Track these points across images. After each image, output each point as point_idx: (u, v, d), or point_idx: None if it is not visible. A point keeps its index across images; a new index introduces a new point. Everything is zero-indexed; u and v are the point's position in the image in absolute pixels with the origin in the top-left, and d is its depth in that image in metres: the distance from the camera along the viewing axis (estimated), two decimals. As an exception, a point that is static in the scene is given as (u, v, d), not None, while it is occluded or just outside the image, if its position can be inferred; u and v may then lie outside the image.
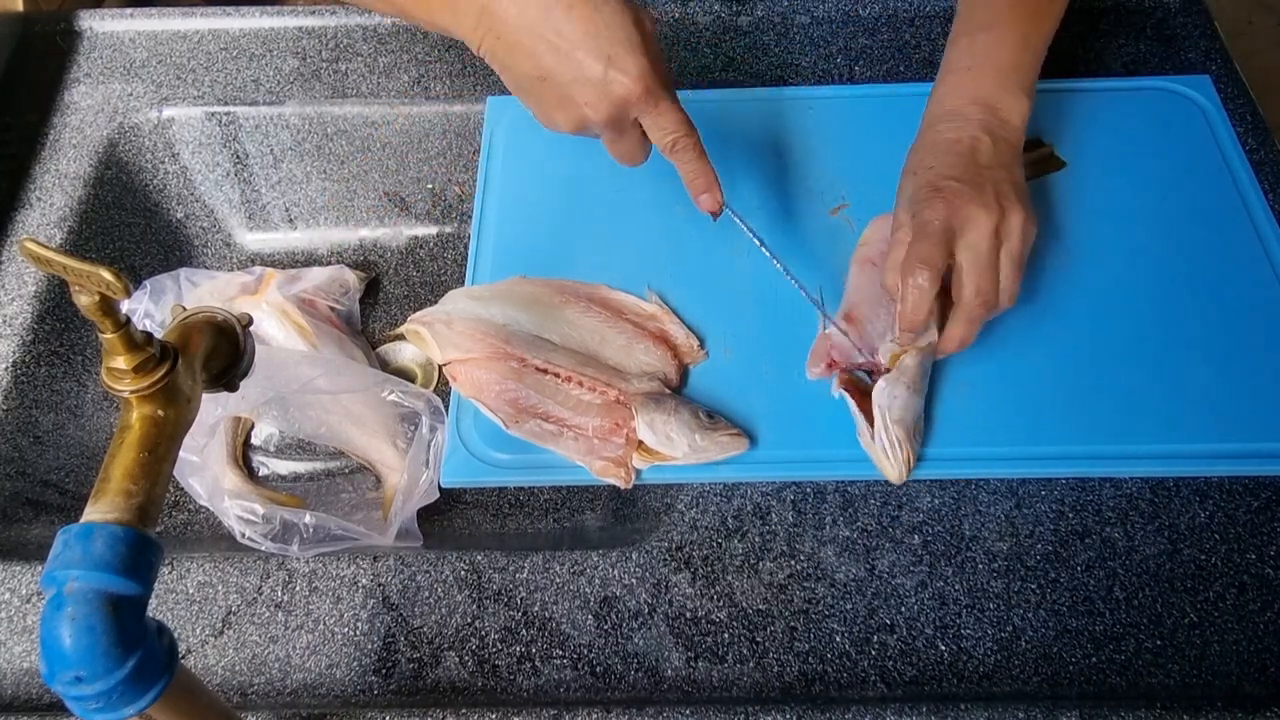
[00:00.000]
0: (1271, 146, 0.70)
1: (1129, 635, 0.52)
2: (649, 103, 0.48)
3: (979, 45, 0.60)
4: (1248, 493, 0.56)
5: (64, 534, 0.33)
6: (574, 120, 0.49)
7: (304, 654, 0.52)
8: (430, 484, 0.61)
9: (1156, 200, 0.66)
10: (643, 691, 0.51)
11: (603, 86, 0.47)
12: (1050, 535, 0.55)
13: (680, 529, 0.55)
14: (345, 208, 0.83)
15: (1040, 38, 0.60)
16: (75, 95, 0.76)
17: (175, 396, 0.37)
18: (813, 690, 0.51)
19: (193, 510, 0.69)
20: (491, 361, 0.58)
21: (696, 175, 0.53)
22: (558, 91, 0.48)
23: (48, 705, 0.51)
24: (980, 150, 0.56)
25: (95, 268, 0.32)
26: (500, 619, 0.53)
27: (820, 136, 0.70)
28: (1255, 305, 0.61)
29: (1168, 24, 0.78)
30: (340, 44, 0.79)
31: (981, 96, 0.58)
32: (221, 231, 0.83)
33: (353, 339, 0.74)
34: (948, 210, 0.52)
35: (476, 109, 0.76)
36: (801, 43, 0.78)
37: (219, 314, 0.41)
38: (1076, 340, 0.60)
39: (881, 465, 0.54)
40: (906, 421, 0.53)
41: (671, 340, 0.60)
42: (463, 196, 0.82)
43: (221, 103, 0.76)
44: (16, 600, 0.54)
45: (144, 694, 0.33)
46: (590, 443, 0.56)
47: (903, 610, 0.53)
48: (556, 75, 0.48)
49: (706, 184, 0.53)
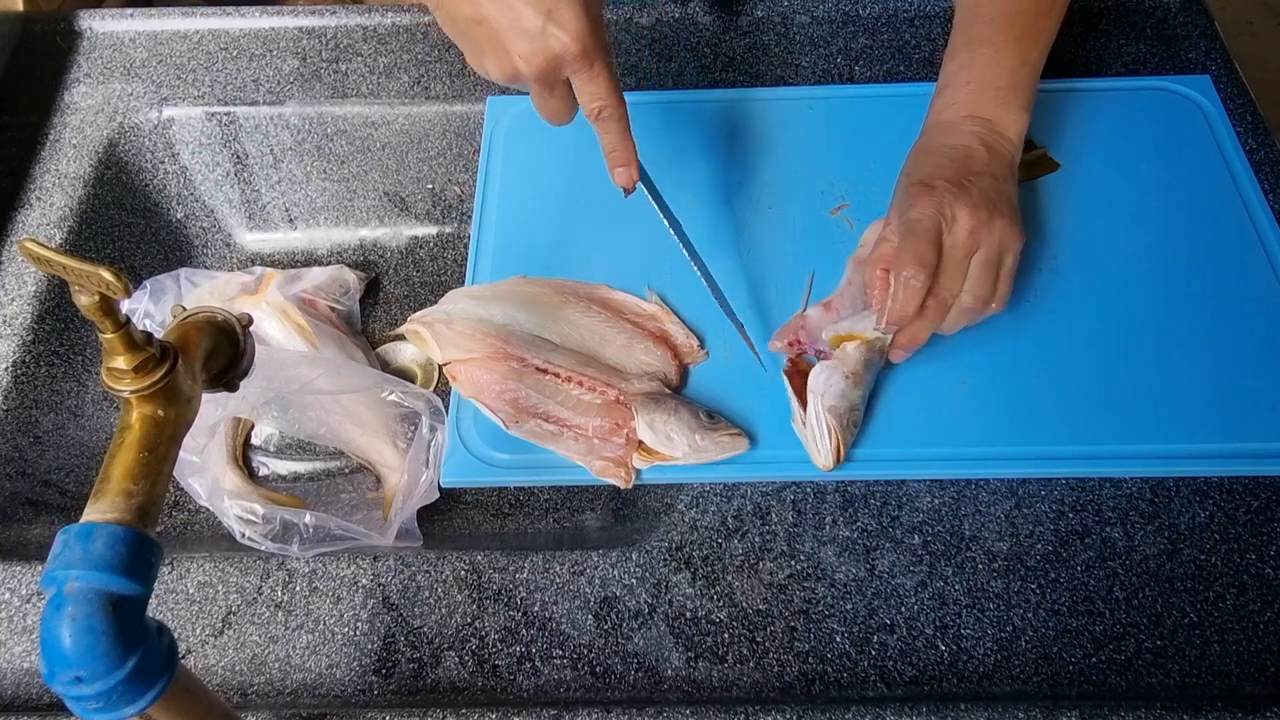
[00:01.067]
0: (1271, 146, 0.70)
1: (1129, 635, 0.52)
2: (583, 63, 0.47)
3: (978, 61, 0.60)
4: (1248, 493, 0.56)
5: (64, 534, 0.33)
6: (505, 70, 0.48)
7: (304, 654, 0.52)
8: (430, 484, 0.61)
9: (1156, 200, 0.66)
10: (643, 691, 0.51)
11: (539, 39, 0.46)
12: (1050, 535, 0.55)
13: (680, 529, 0.55)
14: (345, 208, 0.83)
15: (1038, 54, 0.60)
16: (75, 95, 0.76)
17: (175, 396, 0.37)
18: (813, 690, 0.51)
19: (193, 510, 0.69)
20: (491, 361, 0.58)
21: (615, 148, 0.52)
22: (493, 39, 0.47)
23: (48, 705, 0.51)
24: (974, 158, 0.56)
25: (95, 268, 0.32)
26: (500, 619, 0.53)
27: (820, 136, 0.70)
28: (1255, 305, 0.61)
29: (1168, 24, 0.78)
30: (340, 44, 0.79)
31: (979, 110, 0.58)
32: (221, 231, 0.83)
33: (353, 339, 0.74)
34: (936, 208, 0.53)
35: (476, 109, 0.76)
36: (801, 43, 0.78)
37: (219, 314, 0.41)
38: (1076, 340, 0.60)
39: (810, 451, 0.54)
40: (840, 410, 0.53)
41: (671, 340, 0.60)
42: (463, 196, 0.82)
43: (221, 103, 0.76)
44: (16, 600, 0.54)
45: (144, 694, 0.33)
46: (590, 443, 0.56)
47: (903, 610, 0.53)
48: (492, 21, 0.46)
49: (625, 158, 0.53)
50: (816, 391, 0.54)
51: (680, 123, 0.72)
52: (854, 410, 0.54)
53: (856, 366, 0.55)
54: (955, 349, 0.59)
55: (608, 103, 0.50)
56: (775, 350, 0.59)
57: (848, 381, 0.54)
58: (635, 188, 0.55)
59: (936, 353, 0.59)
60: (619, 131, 0.51)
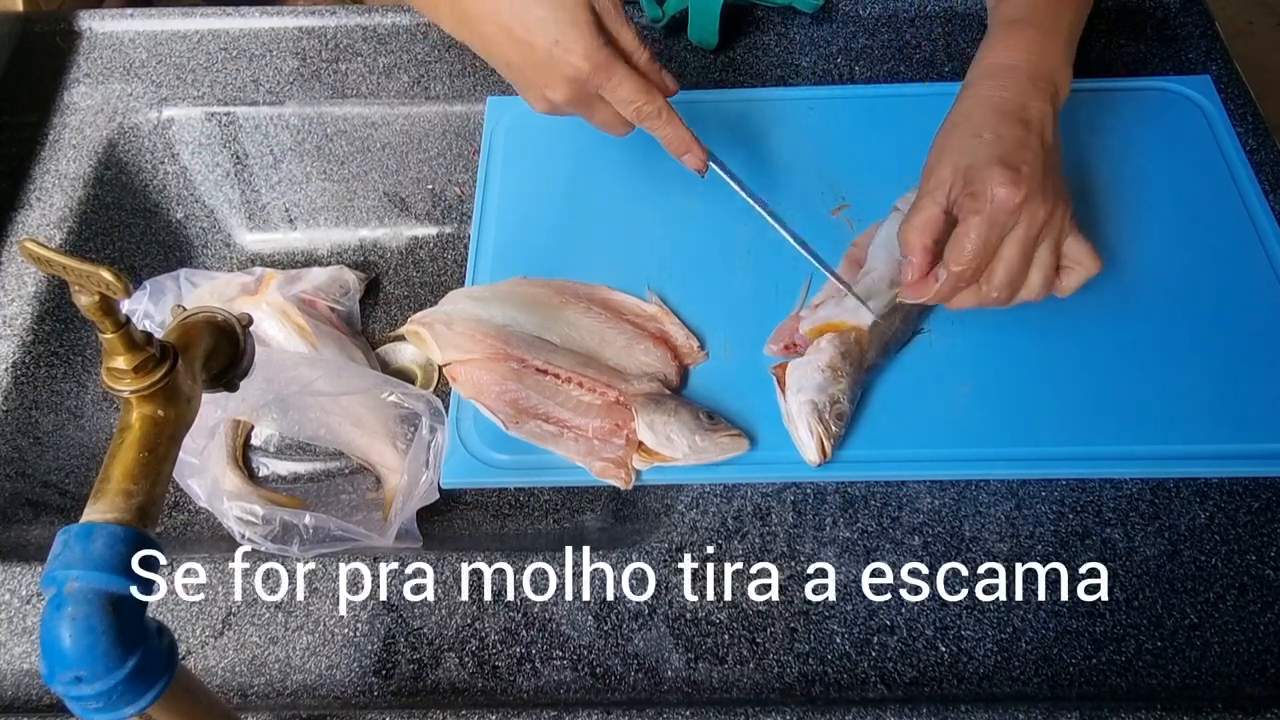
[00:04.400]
0: (1271, 146, 0.70)
1: (1129, 636, 0.52)
2: (602, 77, 0.49)
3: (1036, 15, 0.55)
4: (1248, 494, 0.56)
5: (64, 534, 0.33)
6: (542, 103, 0.51)
7: (304, 655, 0.52)
8: (430, 485, 0.61)
9: (1156, 200, 0.66)
10: (643, 693, 0.51)
11: (553, 68, 0.49)
12: (1050, 536, 0.55)
13: (680, 530, 0.55)
14: (345, 208, 0.83)
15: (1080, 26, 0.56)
16: (75, 95, 0.76)
17: (175, 396, 0.37)
18: (813, 691, 0.51)
19: (193, 511, 0.69)
20: (492, 362, 0.58)
21: (671, 139, 0.53)
22: (521, 78, 0.50)
23: (48, 706, 0.51)
24: (1047, 127, 0.51)
25: (95, 268, 0.32)
26: (500, 620, 0.53)
27: (820, 136, 0.70)
28: (1255, 305, 0.61)
29: (1168, 24, 0.78)
30: (340, 44, 0.79)
31: (1036, 57, 0.53)
32: (221, 232, 0.83)
33: (353, 339, 0.74)
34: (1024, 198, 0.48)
35: (476, 109, 0.76)
36: (801, 43, 0.78)
37: (219, 314, 0.41)
38: (1076, 340, 0.60)
39: (798, 448, 0.54)
40: (820, 403, 0.53)
41: (671, 341, 0.60)
42: (463, 196, 0.82)
43: (221, 103, 0.76)
44: (16, 601, 0.54)
45: (144, 694, 0.33)
46: (590, 444, 0.56)
47: (903, 611, 0.53)
48: (517, 62, 0.49)
49: (685, 145, 0.53)
50: (794, 387, 0.54)
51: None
52: (837, 403, 0.54)
53: (833, 359, 0.55)
54: (956, 349, 0.59)
55: (640, 101, 0.51)
56: (771, 354, 0.59)
57: (825, 374, 0.54)
58: (708, 169, 0.55)
59: (937, 353, 0.59)
60: (667, 123, 0.52)
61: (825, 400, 0.54)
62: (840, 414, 0.54)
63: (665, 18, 0.76)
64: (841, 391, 0.54)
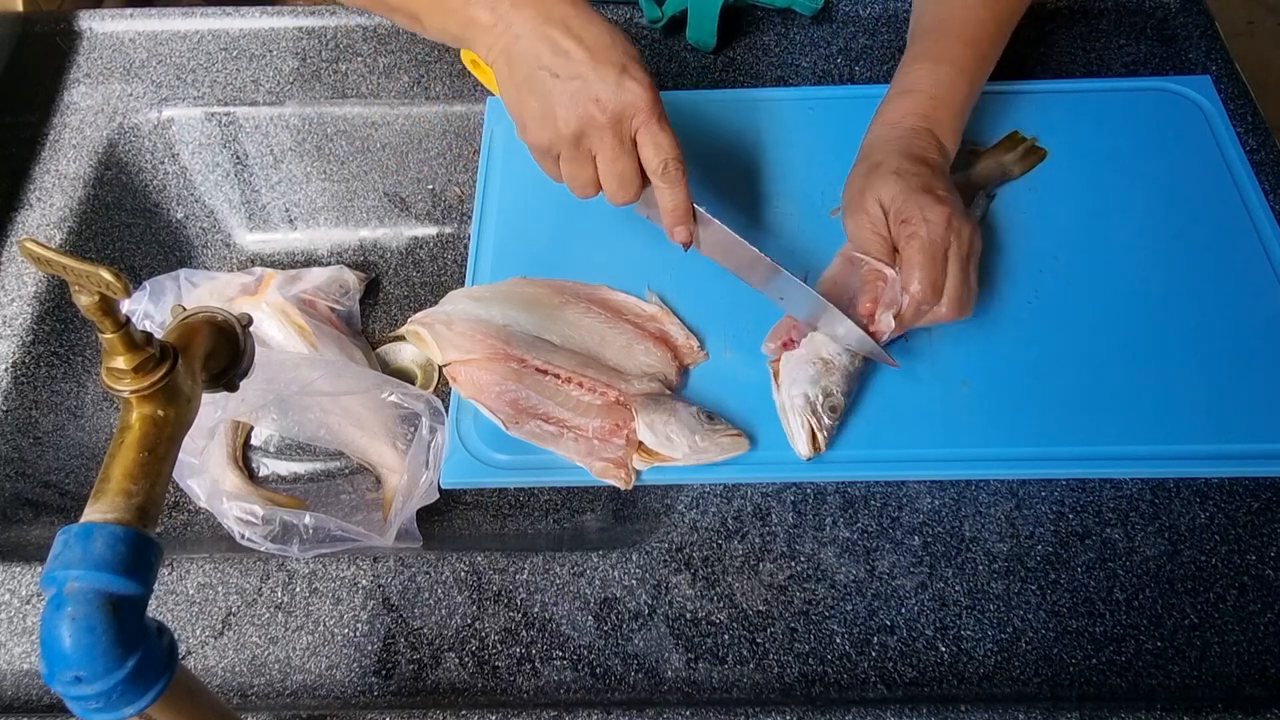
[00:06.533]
0: (1271, 146, 0.70)
1: (1129, 636, 0.52)
2: (653, 114, 0.50)
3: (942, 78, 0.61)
4: (1248, 494, 0.56)
5: (64, 534, 0.33)
6: (579, 116, 0.50)
7: (304, 655, 0.52)
8: (430, 485, 0.61)
9: (1157, 200, 0.66)
10: (643, 693, 0.51)
11: (617, 89, 0.49)
12: (1050, 536, 0.55)
13: (680, 530, 0.55)
14: (345, 208, 0.83)
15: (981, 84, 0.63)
16: (75, 96, 0.76)
17: (175, 396, 0.37)
18: (813, 691, 0.51)
19: (193, 511, 0.69)
20: (492, 362, 0.58)
21: (678, 205, 0.53)
22: (570, 87, 0.49)
23: (48, 706, 0.51)
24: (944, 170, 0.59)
25: (95, 268, 0.32)
26: (500, 620, 0.53)
27: (820, 137, 0.70)
28: (1255, 305, 0.61)
29: (1168, 24, 0.78)
30: (340, 44, 0.79)
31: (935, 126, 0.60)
32: (221, 232, 0.83)
33: (353, 340, 0.74)
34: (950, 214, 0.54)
35: (476, 109, 0.76)
36: (801, 43, 0.78)
37: (219, 314, 0.41)
38: (1076, 341, 0.60)
39: (789, 438, 0.55)
40: (811, 397, 0.54)
41: (671, 341, 0.60)
42: (463, 196, 0.82)
43: (221, 103, 0.76)
44: (16, 601, 0.54)
45: (144, 694, 0.33)
46: (590, 444, 0.56)
47: (903, 611, 0.53)
48: (572, 72, 0.49)
49: (686, 214, 0.53)
50: (788, 380, 0.55)
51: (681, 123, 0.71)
52: (829, 397, 0.54)
53: (825, 352, 0.55)
54: (956, 349, 0.59)
55: (672, 155, 0.51)
56: (768, 352, 0.59)
57: (816, 368, 0.54)
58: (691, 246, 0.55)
59: (936, 353, 0.59)
60: (684, 188, 0.52)
61: (818, 393, 0.54)
62: (833, 406, 0.54)
63: (664, 18, 0.76)
64: (835, 385, 0.54)
